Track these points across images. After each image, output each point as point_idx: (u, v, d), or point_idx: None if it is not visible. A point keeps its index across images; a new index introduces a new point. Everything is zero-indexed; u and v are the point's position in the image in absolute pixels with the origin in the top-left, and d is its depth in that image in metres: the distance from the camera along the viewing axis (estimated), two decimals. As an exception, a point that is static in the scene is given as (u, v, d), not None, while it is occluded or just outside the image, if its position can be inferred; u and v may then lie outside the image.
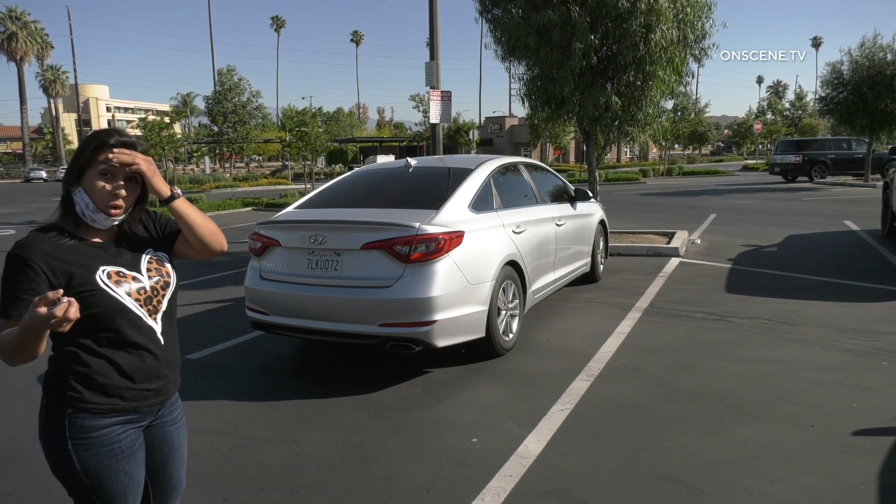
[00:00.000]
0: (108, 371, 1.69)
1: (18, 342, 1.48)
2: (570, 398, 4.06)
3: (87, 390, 1.68)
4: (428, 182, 5.42)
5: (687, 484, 2.99)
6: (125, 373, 1.71)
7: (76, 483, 1.70)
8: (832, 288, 7.01)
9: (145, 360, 1.75)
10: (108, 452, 1.70)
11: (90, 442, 1.68)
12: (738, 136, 61.35)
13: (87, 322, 1.61)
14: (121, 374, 1.71)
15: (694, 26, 9.46)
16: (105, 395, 1.69)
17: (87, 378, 1.68)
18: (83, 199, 1.68)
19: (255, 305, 4.83)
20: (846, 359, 4.68)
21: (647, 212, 15.70)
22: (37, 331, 1.44)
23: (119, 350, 1.70)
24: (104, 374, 1.69)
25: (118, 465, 1.72)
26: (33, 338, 1.47)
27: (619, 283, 7.49)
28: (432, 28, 12.53)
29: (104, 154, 1.66)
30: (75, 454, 1.67)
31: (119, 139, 1.69)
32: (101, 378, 1.68)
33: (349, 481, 3.12)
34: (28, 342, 1.48)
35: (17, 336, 1.48)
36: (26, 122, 64.58)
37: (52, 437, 1.69)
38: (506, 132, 54.09)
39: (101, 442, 1.69)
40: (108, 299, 1.67)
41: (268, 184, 36.05)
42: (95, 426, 1.69)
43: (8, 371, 4.95)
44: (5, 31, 59.53)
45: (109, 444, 1.71)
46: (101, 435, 1.69)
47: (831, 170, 24.73)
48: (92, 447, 1.68)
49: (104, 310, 1.66)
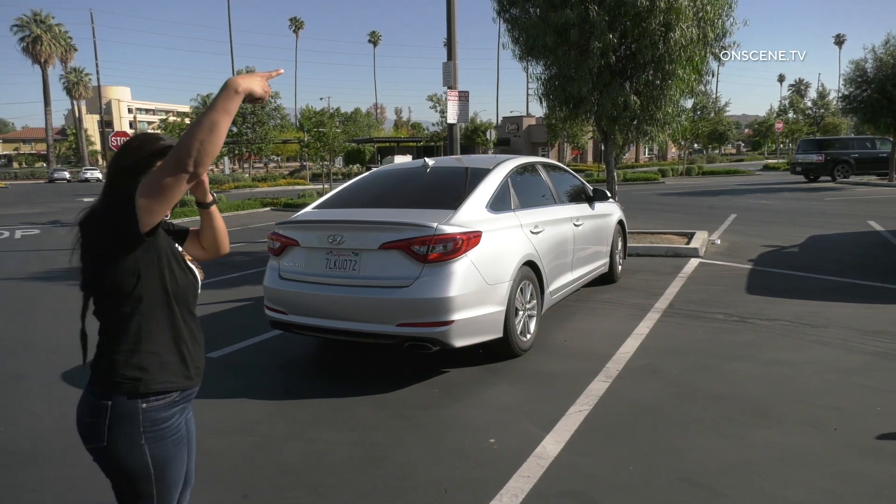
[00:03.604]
0: (175, 347, 1.77)
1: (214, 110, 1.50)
2: (588, 399, 4.04)
3: (158, 371, 1.73)
4: (445, 182, 5.43)
5: (707, 486, 2.96)
6: (188, 349, 1.80)
7: (140, 478, 1.73)
8: (855, 289, 6.90)
9: (196, 337, 1.85)
10: (174, 441, 1.77)
11: (161, 433, 1.74)
12: (758, 136, 60.63)
13: (175, 296, 1.75)
14: (185, 351, 1.79)
15: (714, 24, 9.36)
16: (173, 374, 1.76)
17: (157, 356, 1.73)
18: None
19: (274, 305, 4.87)
20: (870, 361, 4.60)
21: (665, 212, 15.57)
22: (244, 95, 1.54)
23: (186, 325, 1.80)
24: (172, 352, 1.76)
25: (180, 452, 1.81)
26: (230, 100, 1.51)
27: (637, 284, 7.44)
28: (450, 28, 12.54)
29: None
30: (148, 448, 1.71)
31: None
32: (170, 357, 1.75)
33: (367, 480, 3.14)
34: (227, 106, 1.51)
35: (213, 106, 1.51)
36: (50, 123, 65.73)
37: (123, 435, 1.70)
38: (523, 132, 53.95)
39: (169, 432, 1.76)
40: (194, 276, 1.84)
41: (286, 184, 36.33)
42: (165, 417, 1.75)
43: (28, 370, 5.05)
44: (30, 35, 60.63)
45: (175, 433, 1.78)
46: (169, 425, 1.76)
47: (854, 169, 24.35)
48: (162, 437, 1.74)
49: (193, 285, 1.82)
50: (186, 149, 1.48)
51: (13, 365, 5.18)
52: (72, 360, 5.12)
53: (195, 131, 1.49)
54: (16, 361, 5.28)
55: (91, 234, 1.69)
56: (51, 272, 9.62)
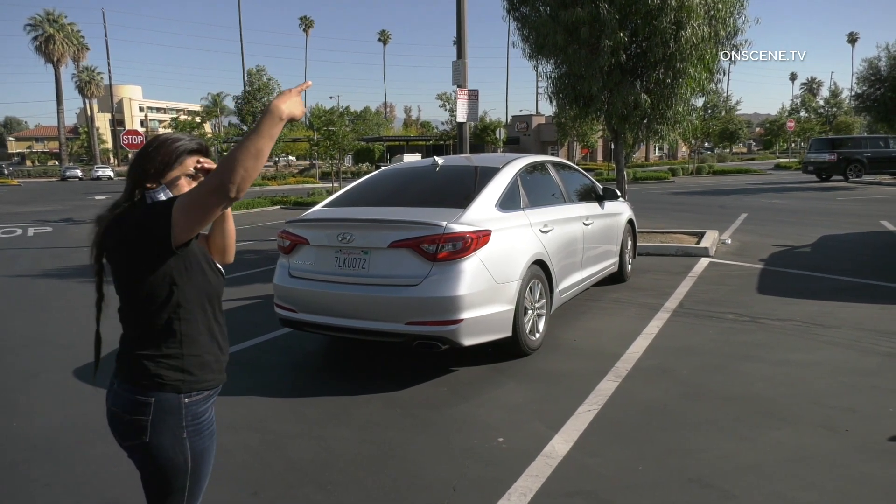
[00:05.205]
0: (212, 346, 1.82)
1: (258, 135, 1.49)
2: (597, 399, 4.03)
3: (200, 370, 1.77)
4: (455, 181, 5.42)
5: (717, 487, 2.95)
6: (221, 345, 1.85)
7: (179, 472, 1.76)
8: (868, 290, 6.84)
9: (225, 332, 1.90)
10: (209, 434, 1.83)
11: (201, 426, 1.79)
12: (770, 135, 60.18)
13: (209, 298, 1.79)
14: (219, 348, 1.85)
15: (725, 22, 9.29)
16: (213, 371, 1.81)
17: (198, 357, 1.77)
18: (166, 194, 1.76)
19: (283, 303, 4.89)
20: (883, 362, 4.56)
21: (676, 211, 15.49)
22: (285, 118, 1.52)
23: (217, 323, 1.85)
24: (209, 350, 1.81)
25: (213, 446, 1.86)
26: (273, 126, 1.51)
27: (647, 283, 7.41)
28: (460, 27, 12.53)
29: (193, 158, 1.81)
30: (189, 442, 1.75)
31: (200, 144, 1.84)
32: (208, 356, 1.80)
33: (376, 478, 3.14)
34: (271, 132, 1.50)
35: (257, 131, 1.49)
36: (62, 122, 66.27)
37: (167, 430, 1.72)
38: (533, 131, 53.83)
39: (205, 425, 1.81)
40: (223, 274, 1.88)
41: (296, 182, 36.45)
42: (203, 410, 1.79)
43: (41, 366, 5.09)
44: (43, 34, 61.12)
45: (210, 427, 1.83)
46: (206, 419, 1.81)
47: (867, 168, 24.10)
48: (201, 431, 1.79)
49: (222, 283, 1.86)
50: (230, 173, 1.48)
51: (27, 361, 5.23)
52: (85, 357, 5.16)
53: (240, 156, 1.48)
54: (29, 358, 5.33)
55: (121, 244, 1.70)
56: (63, 269, 9.70)
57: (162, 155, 1.78)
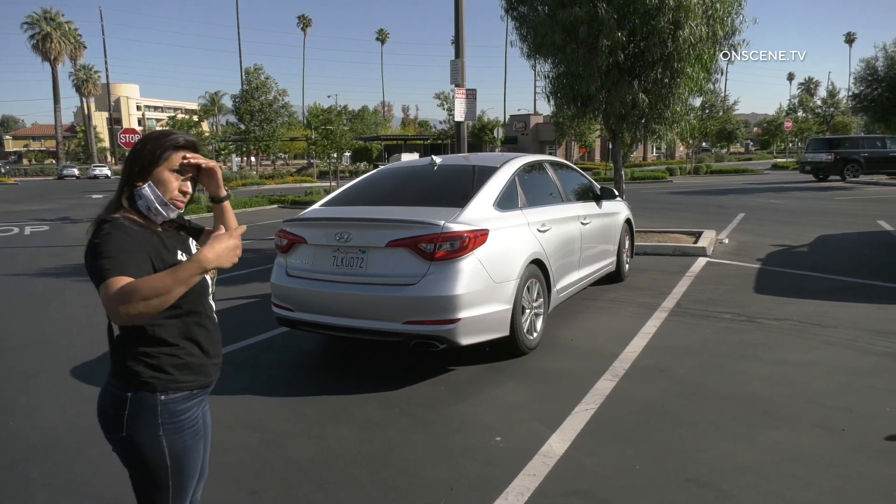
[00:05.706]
0: (192, 348, 1.81)
1: (176, 281, 1.50)
2: (594, 398, 4.03)
3: (177, 371, 1.77)
4: (453, 180, 5.43)
5: (714, 487, 2.95)
6: (204, 348, 1.84)
7: (157, 468, 1.77)
8: (865, 289, 6.86)
9: (213, 335, 1.89)
10: (191, 434, 1.81)
11: (179, 425, 1.78)
12: (767, 134, 60.28)
13: (187, 303, 1.73)
14: (202, 350, 1.83)
15: (723, 22, 9.31)
16: (192, 373, 1.80)
17: (176, 358, 1.77)
18: (153, 192, 1.77)
19: (281, 302, 4.89)
20: (880, 362, 4.57)
21: (673, 210, 15.51)
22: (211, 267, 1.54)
23: (200, 327, 1.83)
24: (190, 353, 1.80)
25: (197, 444, 1.85)
26: (196, 276, 1.53)
27: (644, 283, 7.42)
28: (458, 26, 12.53)
29: (179, 154, 1.80)
30: (166, 440, 1.75)
31: (187, 140, 1.83)
32: (189, 357, 1.79)
33: (374, 477, 3.15)
34: (190, 281, 1.52)
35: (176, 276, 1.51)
36: (59, 120, 66.04)
37: (142, 426, 1.74)
38: (531, 130, 53.81)
39: (187, 424, 1.80)
40: (203, 279, 1.81)
41: (293, 181, 36.40)
42: (183, 409, 1.78)
43: (40, 366, 5.08)
44: (40, 32, 60.93)
45: (192, 426, 1.82)
46: (187, 417, 1.80)
47: (864, 168, 24.16)
48: (180, 430, 1.78)
49: (196, 288, 1.75)
50: (131, 301, 1.48)
51: (25, 361, 5.22)
52: (83, 356, 5.16)
53: (146, 291, 1.48)
54: (28, 357, 5.32)
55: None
56: (61, 268, 9.68)
57: (148, 151, 1.79)
